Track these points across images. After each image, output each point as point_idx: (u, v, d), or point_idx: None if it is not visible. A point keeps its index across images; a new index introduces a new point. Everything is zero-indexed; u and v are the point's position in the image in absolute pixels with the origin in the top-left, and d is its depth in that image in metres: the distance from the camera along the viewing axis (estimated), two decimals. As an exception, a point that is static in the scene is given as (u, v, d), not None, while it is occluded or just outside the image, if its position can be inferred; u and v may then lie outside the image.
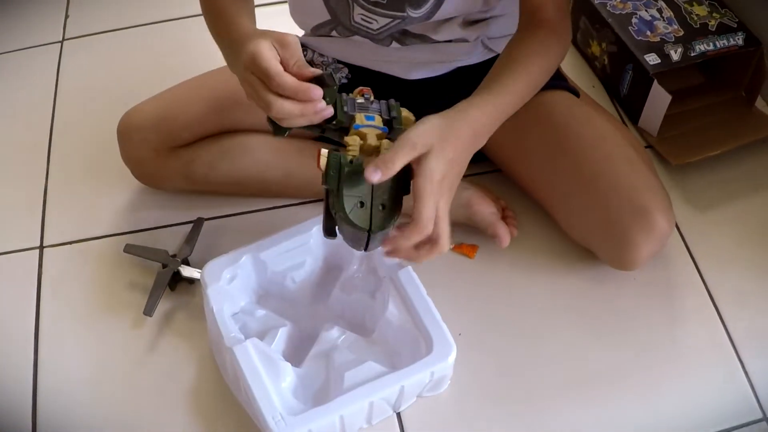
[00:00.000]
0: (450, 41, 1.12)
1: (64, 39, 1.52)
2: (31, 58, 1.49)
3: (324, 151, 0.88)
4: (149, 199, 1.25)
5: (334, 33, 1.13)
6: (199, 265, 1.11)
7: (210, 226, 1.20)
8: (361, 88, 0.94)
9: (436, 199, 0.86)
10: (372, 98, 0.93)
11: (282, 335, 1.03)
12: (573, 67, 1.25)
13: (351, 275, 1.08)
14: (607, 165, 1.07)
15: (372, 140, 0.90)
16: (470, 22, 1.11)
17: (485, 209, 1.15)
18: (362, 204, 0.86)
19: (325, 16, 1.10)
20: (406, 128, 0.90)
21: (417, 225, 0.85)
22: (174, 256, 1.14)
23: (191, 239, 1.17)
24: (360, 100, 0.92)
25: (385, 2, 1.03)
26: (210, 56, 1.29)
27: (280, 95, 0.83)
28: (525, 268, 1.16)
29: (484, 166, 1.24)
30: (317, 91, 0.84)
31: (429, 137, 0.87)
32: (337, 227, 0.91)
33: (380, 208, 0.87)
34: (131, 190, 1.25)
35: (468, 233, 1.17)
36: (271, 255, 1.05)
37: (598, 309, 1.12)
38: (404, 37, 1.10)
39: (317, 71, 0.85)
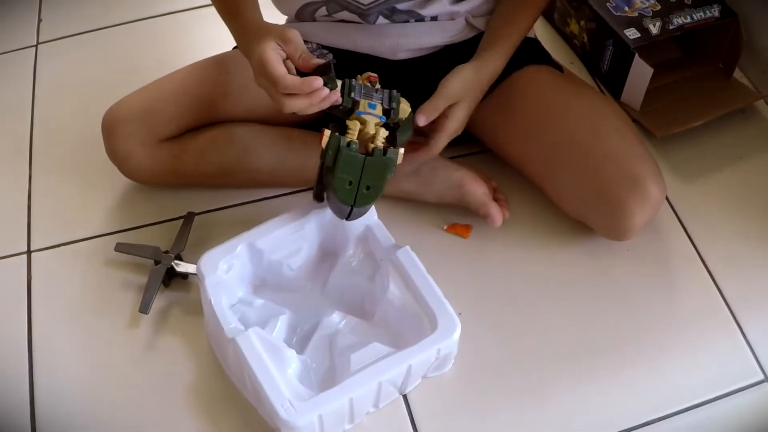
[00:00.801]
0: (436, 19, 1.13)
1: (38, 43, 1.50)
2: (6, 64, 1.47)
3: (327, 132, 0.97)
4: (137, 195, 1.24)
5: (320, 12, 1.14)
6: (192, 260, 1.11)
7: (201, 220, 1.20)
8: (368, 74, 1.02)
9: (451, 135, 1.08)
10: (377, 86, 1.01)
11: (282, 323, 1.03)
12: (552, 47, 1.27)
13: (347, 260, 1.08)
14: (597, 136, 1.09)
15: (370, 128, 0.98)
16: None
17: (477, 189, 1.16)
18: (351, 183, 0.97)
19: None
20: (402, 118, 1.00)
21: (429, 151, 1.09)
22: (167, 252, 1.14)
23: (183, 234, 1.16)
24: (367, 85, 1.00)
25: None
26: (186, 52, 1.31)
27: (288, 94, 0.94)
28: (520, 245, 1.17)
29: (473, 147, 1.25)
30: (317, 81, 0.93)
31: (462, 91, 1.06)
32: (325, 195, 1.03)
33: (366, 189, 0.98)
34: (118, 188, 1.24)
35: (461, 214, 1.18)
36: (267, 243, 1.05)
37: (595, 281, 1.13)
38: (392, 13, 1.11)
39: (321, 61, 0.95)
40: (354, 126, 0.98)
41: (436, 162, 1.17)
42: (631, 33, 1.26)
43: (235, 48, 1.22)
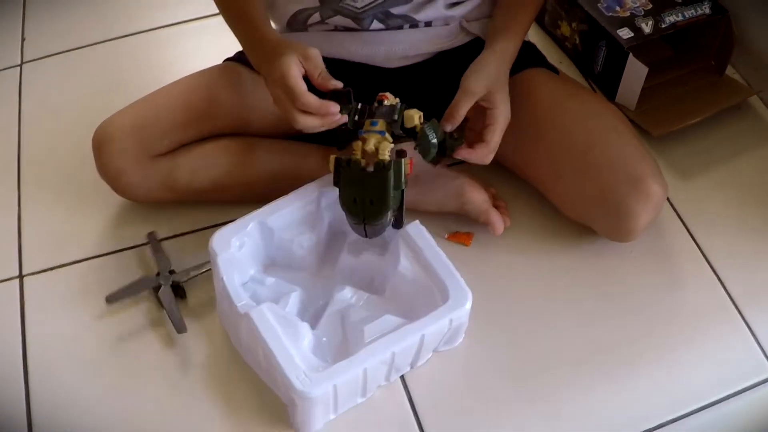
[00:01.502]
0: (431, 24, 1.13)
1: (22, 62, 1.48)
2: (-10, 86, 1.46)
3: (331, 157, 1.02)
4: (130, 214, 1.22)
5: (313, 19, 1.13)
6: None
7: (195, 237, 1.19)
8: (380, 94, 1.04)
9: (503, 128, 1.04)
10: (387, 102, 1.03)
11: (294, 300, 1.04)
12: (543, 50, 1.26)
13: (356, 238, 1.08)
14: (596, 136, 1.09)
15: (369, 145, 1.00)
16: (452, 4, 1.12)
17: (477, 197, 1.15)
18: (355, 200, 1.01)
19: (313, 3, 1.11)
20: (408, 126, 1.01)
21: (487, 146, 1.04)
22: (158, 274, 1.12)
23: (159, 253, 1.15)
24: (375, 105, 1.03)
25: None
26: (174, 67, 1.30)
27: (304, 111, 0.96)
28: (522, 250, 1.17)
29: (470, 153, 1.25)
30: (335, 108, 0.97)
31: (485, 83, 1.03)
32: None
33: (369, 203, 1.00)
34: (110, 206, 1.23)
35: (461, 222, 1.18)
36: (278, 221, 1.06)
37: (600, 283, 1.13)
38: (387, 17, 1.11)
39: (339, 84, 0.99)
40: (356, 146, 1.02)
41: (435, 171, 1.16)
42: (624, 33, 1.26)
43: (226, 60, 1.22)
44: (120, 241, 1.20)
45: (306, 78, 0.98)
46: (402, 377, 1.05)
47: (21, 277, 1.17)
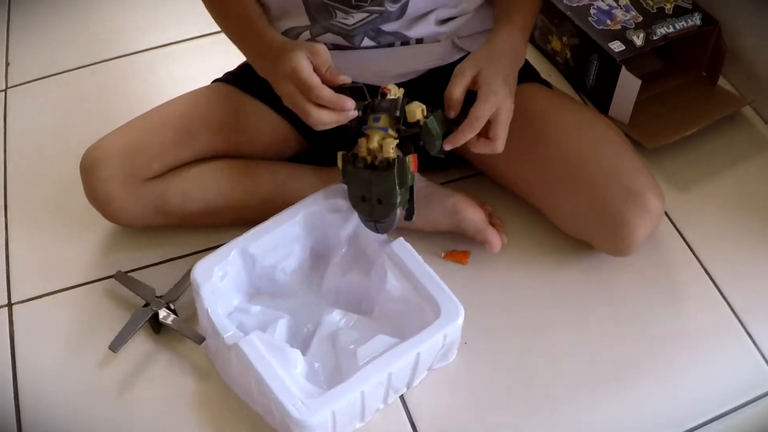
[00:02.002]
0: (422, 41, 1.13)
1: (7, 87, 1.47)
2: (-26, 112, 1.45)
3: (339, 153, 1.02)
4: (121, 239, 1.21)
5: (303, 36, 1.13)
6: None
7: (185, 262, 1.18)
8: (383, 87, 1.02)
9: (492, 105, 0.99)
10: (388, 97, 1.01)
11: (281, 328, 1.03)
12: (533, 65, 1.27)
13: (341, 259, 1.08)
14: (592, 150, 1.09)
15: (372, 143, 1.00)
16: (443, 20, 1.12)
17: (473, 215, 1.14)
18: (363, 198, 1.02)
19: (304, 22, 1.10)
20: (411, 120, 0.99)
21: (469, 122, 0.99)
22: (159, 297, 1.10)
23: (182, 283, 1.13)
24: (378, 99, 1.01)
25: (367, 3, 1.05)
26: (161, 89, 1.30)
27: (318, 105, 0.95)
28: (520, 267, 1.16)
29: (465, 170, 1.25)
30: (350, 103, 0.96)
31: (475, 63, 1.01)
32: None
33: (377, 201, 1.01)
34: (100, 232, 1.21)
35: (458, 240, 1.17)
36: (259, 247, 1.04)
37: (599, 298, 1.13)
38: (378, 35, 1.11)
39: (347, 79, 0.97)
40: (362, 143, 1.01)
41: (430, 189, 1.16)
42: (616, 46, 1.26)
43: (214, 81, 1.21)
44: (110, 267, 1.18)
45: None
46: (402, 398, 1.03)
47: (10, 305, 1.15)
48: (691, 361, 1.06)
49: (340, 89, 0.96)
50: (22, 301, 1.16)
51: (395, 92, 1.00)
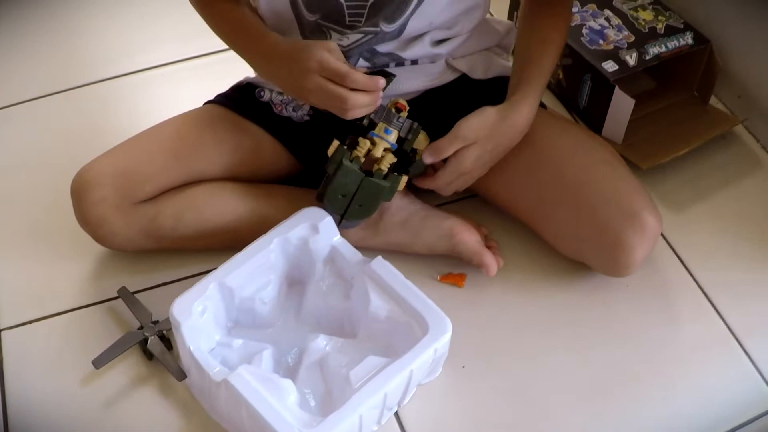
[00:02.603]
0: (417, 62, 1.13)
1: (-7, 110, 1.47)
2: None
3: (336, 142, 1.05)
4: (110, 263, 1.20)
5: None
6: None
7: (180, 286, 1.16)
8: (398, 100, 1.08)
9: (458, 174, 1.08)
10: (402, 115, 1.07)
11: (267, 359, 1.02)
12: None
13: (317, 284, 1.08)
14: (589, 171, 1.09)
15: (377, 151, 1.05)
16: (438, 41, 1.12)
17: (469, 239, 1.14)
18: (344, 196, 1.06)
19: (298, 39, 1.10)
20: (417, 149, 1.06)
21: (432, 183, 1.11)
22: (155, 322, 1.10)
23: (132, 304, 1.12)
24: (392, 110, 1.06)
25: (361, 24, 1.05)
26: (151, 112, 1.29)
27: (352, 89, 0.98)
28: (516, 289, 1.16)
29: (461, 192, 1.23)
30: (382, 81, 1.00)
31: (478, 133, 1.05)
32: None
33: (358, 205, 1.06)
34: (91, 256, 1.20)
35: (454, 262, 1.17)
36: (236, 279, 1.03)
37: (597, 320, 1.13)
38: (373, 56, 1.11)
39: (363, 71, 1.01)
40: (363, 144, 1.05)
41: (425, 212, 1.16)
42: (609, 66, 1.27)
43: (206, 103, 1.21)
44: (101, 291, 1.17)
45: None
46: (398, 418, 1.03)
47: (-2, 331, 1.14)
48: (689, 381, 1.06)
49: None
50: (11, 327, 1.14)
51: (405, 111, 1.05)
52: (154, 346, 1.07)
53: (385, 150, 1.05)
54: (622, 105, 1.26)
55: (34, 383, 1.09)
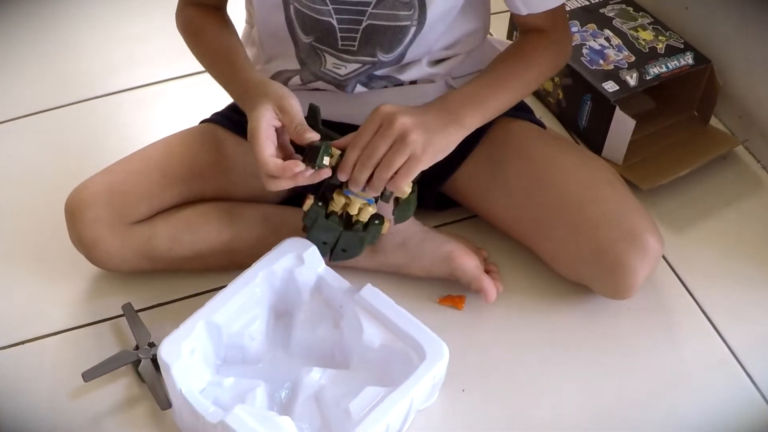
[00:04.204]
0: (416, 82, 1.14)
1: (-15, 126, 1.47)
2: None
3: (309, 200, 1.04)
4: (104, 283, 1.20)
5: (293, 81, 1.14)
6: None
7: (174, 308, 1.17)
8: None
9: (371, 120, 0.98)
10: None
11: (260, 396, 1.01)
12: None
13: (305, 315, 1.07)
14: (590, 191, 1.10)
15: (353, 209, 1.04)
16: (436, 61, 1.13)
17: (468, 263, 1.14)
18: (325, 244, 1.08)
19: (294, 65, 1.11)
20: (398, 195, 1.01)
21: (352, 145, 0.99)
22: (151, 344, 1.10)
23: (134, 322, 1.12)
24: None
25: (355, 49, 1.05)
26: (146, 130, 1.30)
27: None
28: (517, 311, 1.16)
29: (460, 213, 1.25)
30: (297, 166, 0.95)
31: (393, 106, 0.99)
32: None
33: (342, 250, 1.09)
34: (83, 276, 1.20)
35: (452, 284, 1.17)
36: (223, 316, 1.02)
37: (598, 342, 1.13)
38: (370, 80, 1.12)
39: (315, 136, 0.97)
40: (338, 201, 1.03)
41: (424, 234, 1.16)
42: (610, 86, 1.29)
43: (202, 122, 1.22)
44: (94, 312, 1.17)
45: None
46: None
47: (-10, 352, 1.14)
48: (691, 402, 1.07)
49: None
50: (4, 347, 1.14)
51: None
52: (146, 370, 1.07)
53: (363, 205, 1.03)
54: (622, 126, 1.27)
55: (26, 402, 1.08)
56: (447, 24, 1.08)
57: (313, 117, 1.01)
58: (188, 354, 0.99)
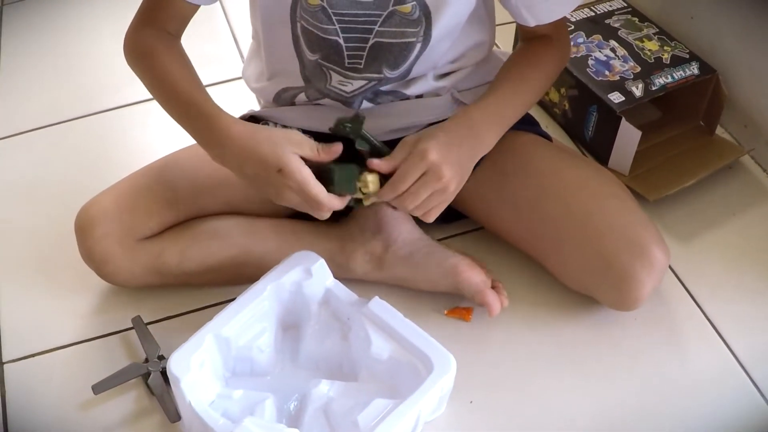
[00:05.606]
0: (422, 96, 1.15)
1: (-6, 140, 1.49)
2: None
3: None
4: (114, 297, 1.22)
5: (299, 98, 1.15)
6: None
7: (183, 320, 1.19)
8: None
9: (415, 166, 1.00)
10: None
11: (269, 408, 1.02)
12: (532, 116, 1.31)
13: (313, 327, 1.09)
14: (597, 204, 1.11)
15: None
16: (442, 75, 1.15)
17: (473, 278, 1.15)
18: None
19: (298, 83, 1.13)
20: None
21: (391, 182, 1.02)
22: (161, 357, 1.11)
23: (144, 335, 1.14)
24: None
25: (361, 66, 1.07)
26: (155, 144, 1.31)
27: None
28: (524, 323, 1.18)
29: (466, 225, 1.27)
30: (344, 201, 1.02)
31: (420, 135, 1.02)
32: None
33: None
34: (93, 289, 1.22)
35: (460, 296, 1.18)
36: (232, 329, 1.04)
37: (605, 354, 1.14)
38: (376, 96, 1.14)
39: (339, 147, 1.01)
40: (374, 179, 1.03)
41: (429, 248, 1.17)
42: (615, 97, 1.30)
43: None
44: (104, 325, 1.19)
45: None
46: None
47: (1, 364, 1.16)
48: (699, 413, 1.08)
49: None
50: (14, 360, 1.17)
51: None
52: (155, 382, 1.09)
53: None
54: (628, 136, 1.29)
55: (36, 415, 1.10)
56: (453, 38, 1.10)
57: (357, 124, 1.02)
58: (197, 367, 1.00)
